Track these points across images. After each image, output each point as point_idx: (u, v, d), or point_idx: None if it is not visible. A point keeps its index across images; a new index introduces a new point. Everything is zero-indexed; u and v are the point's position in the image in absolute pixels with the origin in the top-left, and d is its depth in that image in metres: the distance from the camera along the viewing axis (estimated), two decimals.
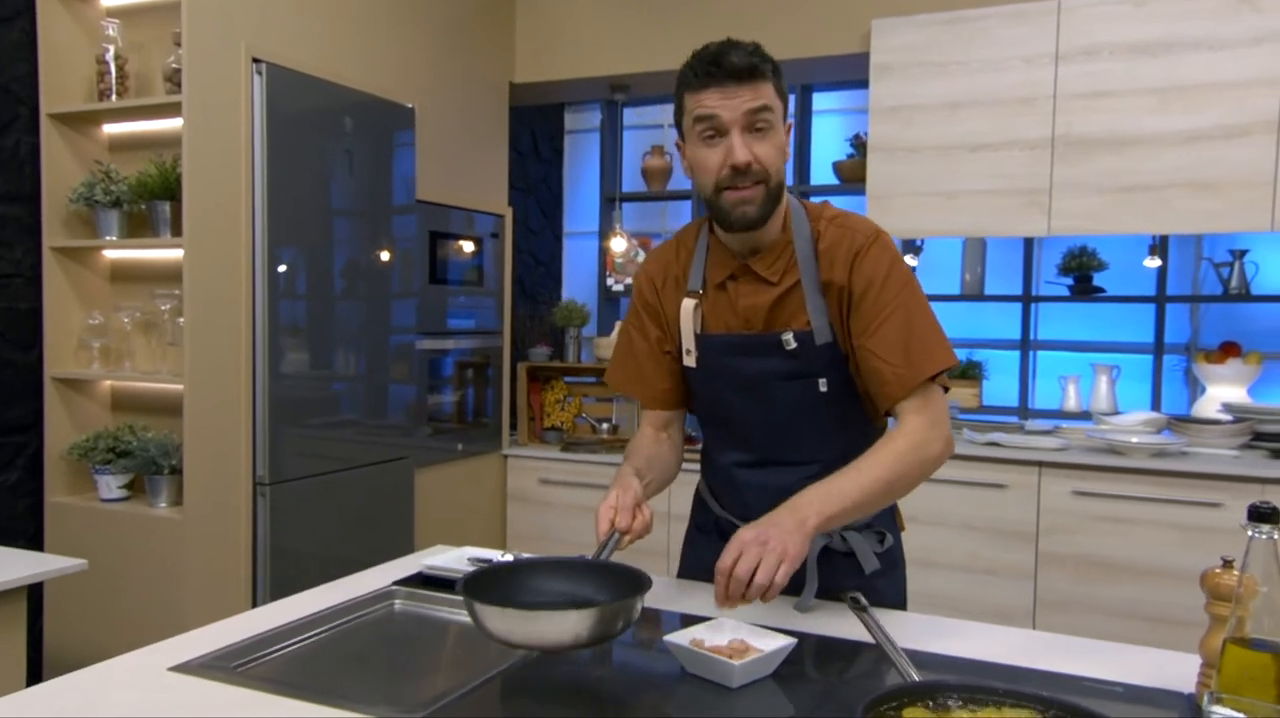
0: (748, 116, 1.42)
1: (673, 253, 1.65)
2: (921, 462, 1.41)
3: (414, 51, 3.51)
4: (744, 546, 1.28)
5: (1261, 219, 2.94)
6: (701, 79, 1.44)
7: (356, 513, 3.18)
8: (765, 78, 1.43)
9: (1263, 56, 2.91)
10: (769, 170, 1.45)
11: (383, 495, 3.30)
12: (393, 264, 3.30)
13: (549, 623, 1.17)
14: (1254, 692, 1.10)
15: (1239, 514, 2.84)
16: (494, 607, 1.17)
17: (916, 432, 1.41)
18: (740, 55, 1.42)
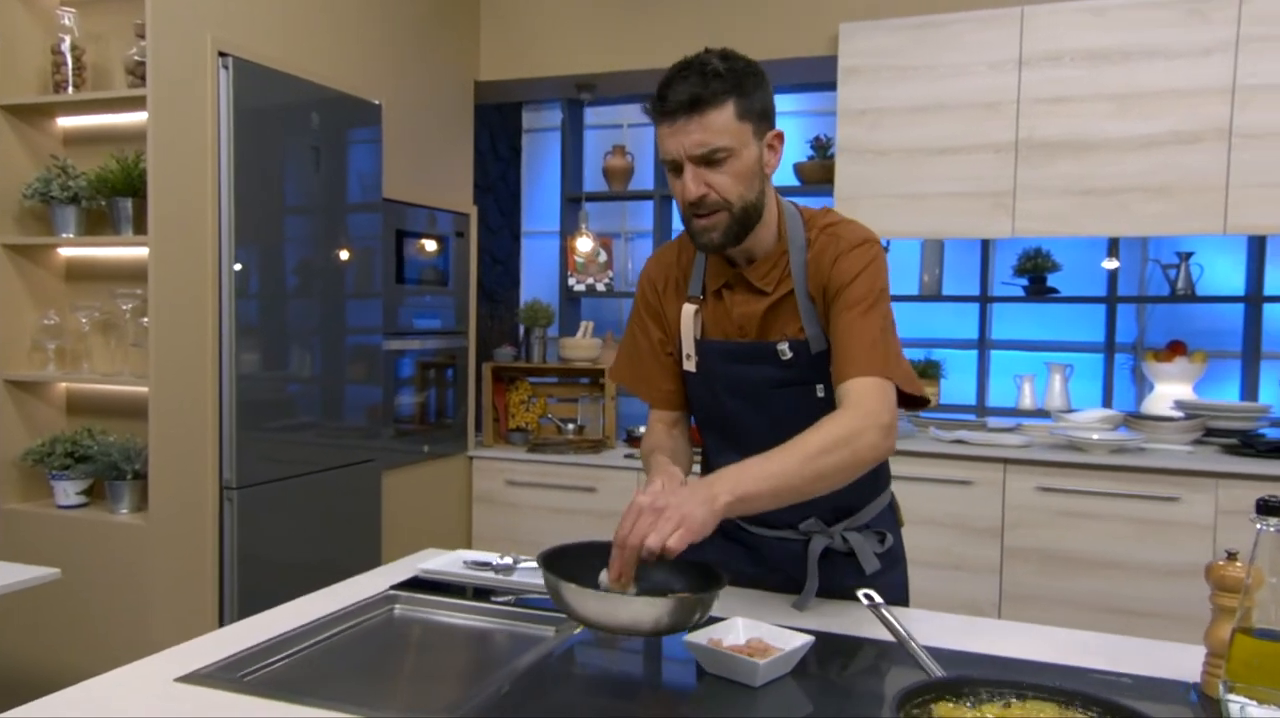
0: (696, 150, 1.39)
1: (674, 256, 1.65)
2: (852, 455, 1.33)
3: (379, 47, 3.46)
4: (639, 512, 1.21)
5: (1214, 222, 3.05)
6: (654, 113, 1.42)
7: (324, 517, 3.12)
8: (718, 104, 1.37)
9: (1213, 66, 3.01)
10: (727, 198, 1.42)
11: (350, 499, 3.25)
12: (359, 263, 3.25)
13: (635, 609, 1.18)
14: (1264, 680, 1.13)
15: (1195, 508, 2.95)
16: (581, 588, 1.18)
17: (849, 421, 1.36)
18: (686, 87, 1.37)
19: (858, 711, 1.25)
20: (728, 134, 1.39)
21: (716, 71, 1.39)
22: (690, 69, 1.40)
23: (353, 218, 3.24)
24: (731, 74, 1.40)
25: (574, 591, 1.19)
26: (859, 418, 1.36)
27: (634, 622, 1.18)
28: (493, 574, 1.68)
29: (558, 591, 1.21)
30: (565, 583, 1.20)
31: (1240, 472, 2.94)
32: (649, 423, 1.72)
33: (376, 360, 3.35)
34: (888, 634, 1.37)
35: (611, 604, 1.18)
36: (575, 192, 4.67)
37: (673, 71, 1.42)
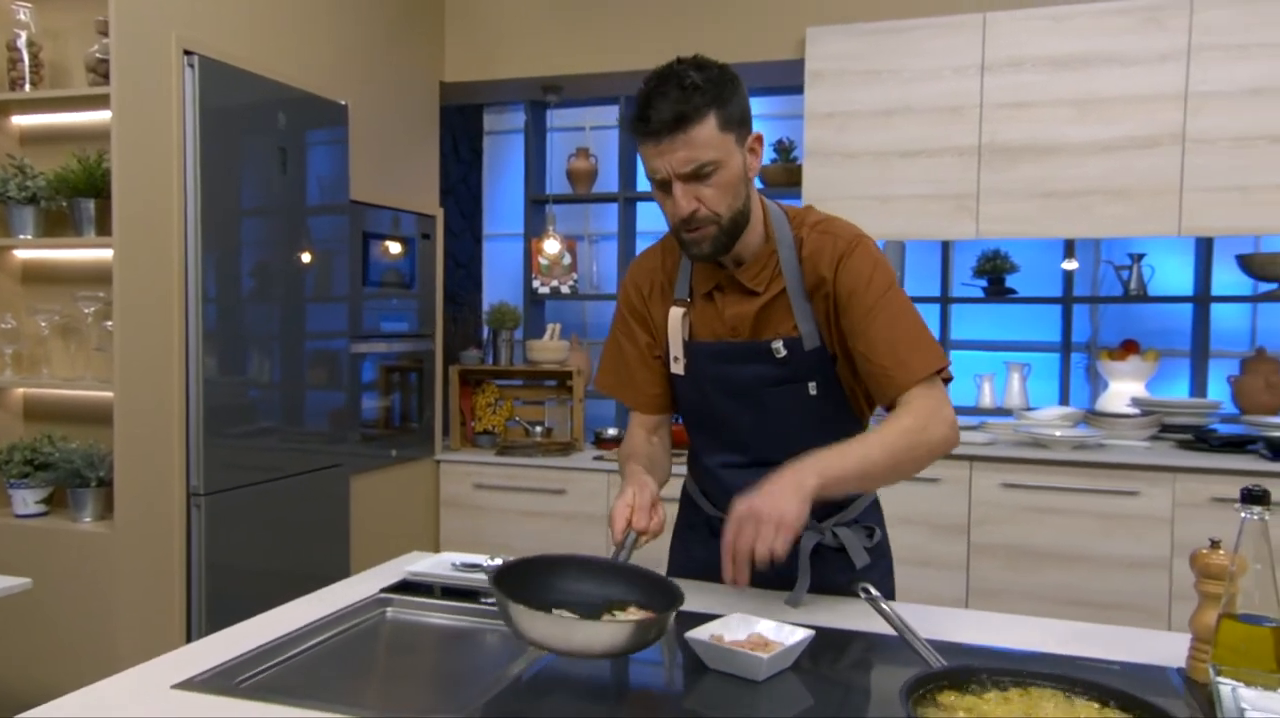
0: (684, 168, 1.40)
1: (658, 260, 1.66)
2: (927, 443, 1.41)
3: (345, 47, 3.42)
4: (742, 520, 1.28)
5: (1169, 224, 3.14)
6: (637, 134, 1.43)
7: (292, 523, 3.07)
8: (701, 119, 1.38)
9: (1168, 73, 3.11)
10: (717, 211, 1.44)
11: (318, 504, 3.20)
12: (325, 266, 3.21)
13: (588, 632, 1.17)
14: (1251, 663, 1.17)
15: (1154, 502, 3.03)
16: (531, 610, 1.16)
17: (919, 413, 1.42)
18: (667, 105, 1.37)
19: (860, 703, 1.27)
20: (712, 147, 1.40)
21: (695, 84, 1.38)
22: (667, 84, 1.39)
23: (319, 220, 3.20)
24: (710, 85, 1.40)
25: (523, 612, 1.16)
26: (925, 413, 1.42)
27: (586, 645, 1.16)
28: (482, 576, 1.67)
29: (507, 611, 1.17)
30: (514, 604, 1.16)
31: (1196, 466, 3.03)
32: (629, 428, 1.72)
33: (343, 364, 3.31)
34: (882, 628, 1.39)
35: (564, 628, 1.17)
36: (539, 194, 4.65)
37: (650, 88, 1.41)
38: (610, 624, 1.17)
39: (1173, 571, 3.04)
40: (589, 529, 3.68)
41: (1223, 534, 2.92)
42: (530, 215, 4.65)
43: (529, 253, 4.59)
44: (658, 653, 1.29)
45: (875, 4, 3.46)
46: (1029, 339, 4.21)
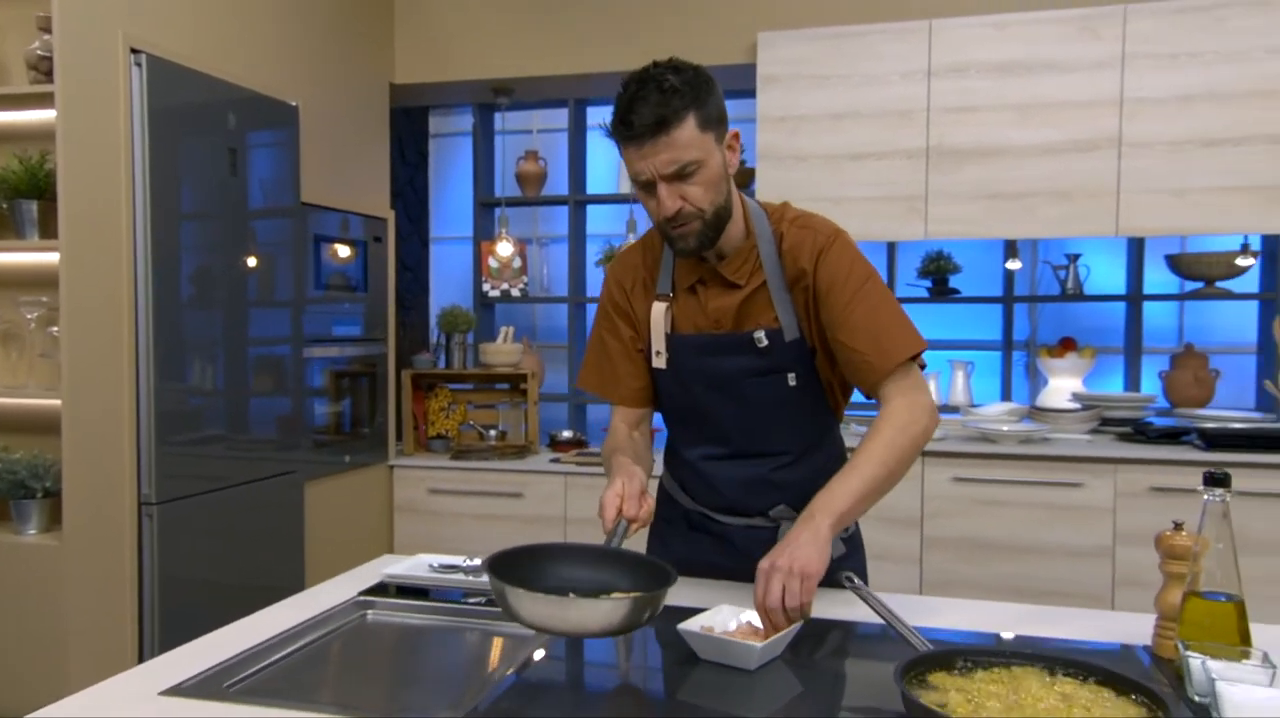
0: (668, 169, 1.44)
1: (639, 257, 1.69)
2: (912, 439, 1.47)
3: (294, 47, 3.37)
4: (768, 576, 1.31)
5: (1107, 225, 3.26)
6: (619, 138, 1.46)
7: (246, 531, 3.01)
8: (681, 120, 1.41)
9: (1104, 80, 3.23)
10: (700, 208, 1.48)
11: (272, 512, 3.14)
12: (277, 269, 3.16)
13: (583, 610, 1.18)
14: (1216, 637, 1.24)
15: (1097, 493, 3.14)
16: (527, 591, 1.17)
17: (899, 414, 1.48)
18: (648, 108, 1.40)
19: (850, 689, 1.31)
20: (694, 147, 1.44)
21: (674, 87, 1.41)
22: (646, 88, 1.42)
23: (270, 222, 3.15)
24: (688, 87, 1.43)
25: (520, 594, 1.17)
26: (904, 411, 1.48)
27: (581, 624, 1.18)
28: (462, 577, 1.67)
29: (503, 595, 1.19)
30: (510, 587, 1.18)
31: (1135, 457, 3.15)
32: (612, 423, 1.74)
33: (295, 369, 3.26)
34: (865, 617, 1.43)
35: (560, 607, 1.18)
36: (489, 197, 4.64)
37: (630, 92, 1.44)
38: (605, 602, 1.19)
39: (1115, 558, 3.16)
40: (547, 532, 3.68)
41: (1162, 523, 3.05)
42: (479, 218, 4.63)
43: (479, 256, 4.57)
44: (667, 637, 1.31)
45: (825, 10, 3.53)
46: (972, 338, 4.32)
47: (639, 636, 1.42)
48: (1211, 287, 3.83)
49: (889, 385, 1.51)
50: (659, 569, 1.31)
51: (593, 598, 1.21)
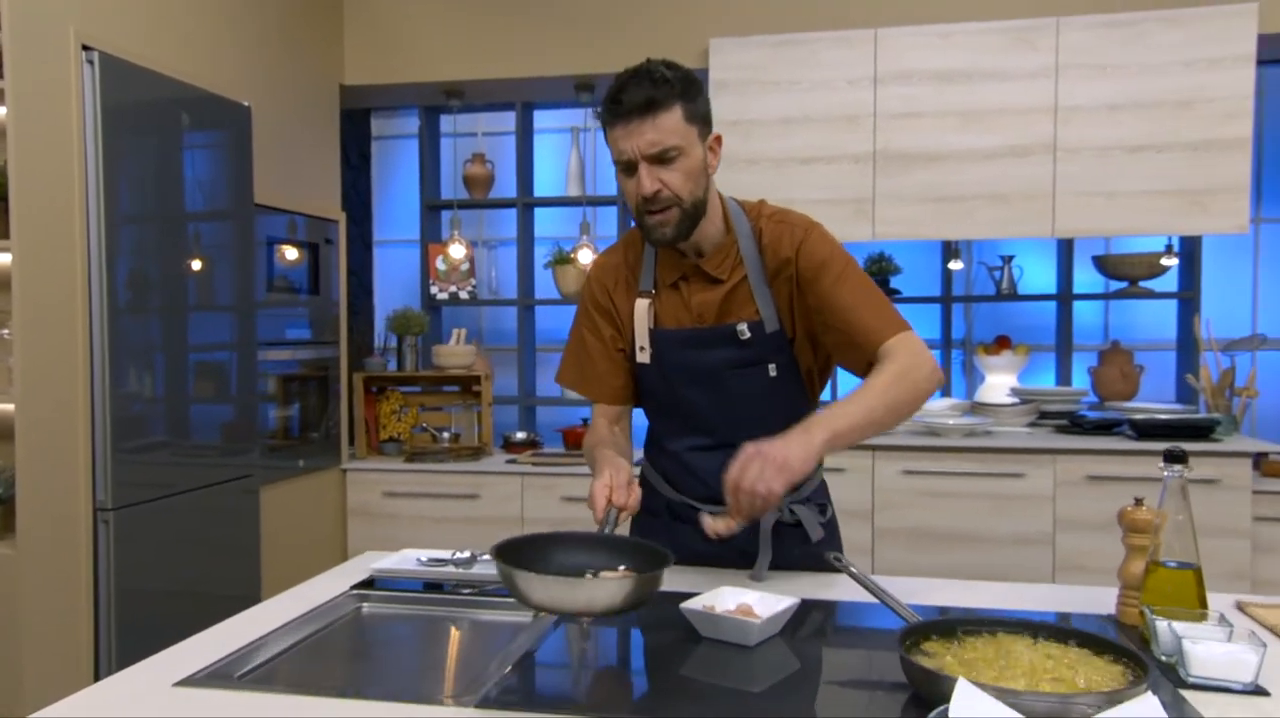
0: (650, 149, 1.50)
1: (620, 256, 1.74)
2: (914, 387, 1.50)
3: (244, 47, 3.33)
4: (747, 457, 1.36)
5: (1044, 227, 3.42)
6: (609, 115, 1.52)
7: (202, 537, 2.97)
8: (668, 107, 1.49)
9: (1039, 89, 3.39)
10: (679, 195, 1.54)
11: (228, 517, 3.10)
12: (231, 271, 3.12)
13: (590, 589, 1.23)
14: (1178, 602, 1.34)
15: (1038, 482, 3.28)
16: (537, 574, 1.22)
17: (903, 358, 1.51)
18: (639, 90, 1.48)
19: (844, 662, 1.38)
20: (677, 134, 1.51)
21: (665, 78, 1.50)
22: (639, 75, 1.51)
23: (224, 224, 3.11)
24: (679, 80, 1.52)
25: (529, 577, 1.22)
26: (909, 357, 1.51)
27: (589, 602, 1.23)
28: (452, 569, 1.69)
29: (511, 578, 1.24)
30: (518, 571, 1.23)
31: (1072, 448, 3.31)
32: (593, 419, 1.78)
33: (250, 372, 3.22)
34: (852, 596, 1.51)
35: (567, 588, 1.23)
36: (436, 199, 4.63)
37: (623, 78, 1.52)
38: (610, 581, 1.24)
39: (1055, 544, 3.31)
40: (505, 533, 3.64)
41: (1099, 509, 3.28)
42: (426, 221, 4.62)
43: (425, 259, 4.56)
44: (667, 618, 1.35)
45: (775, 18, 3.62)
46: None
47: (640, 617, 1.47)
48: (1135, 286, 4.04)
49: (886, 347, 1.54)
50: (655, 552, 1.36)
51: (597, 578, 1.25)
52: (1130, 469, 3.25)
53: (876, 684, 1.27)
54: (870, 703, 1.20)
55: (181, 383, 2.93)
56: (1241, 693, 1.18)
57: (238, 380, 3.16)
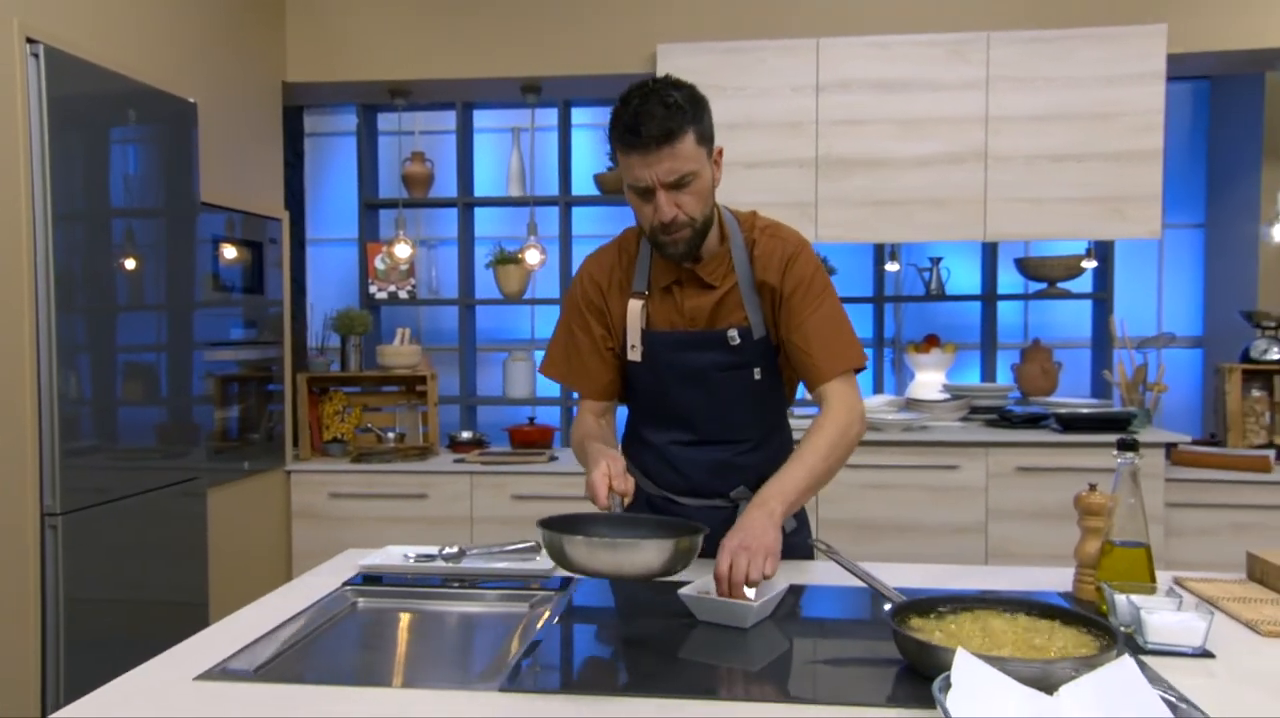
0: (669, 177, 1.56)
1: (614, 258, 1.79)
2: (849, 443, 1.65)
3: (189, 42, 3.27)
4: (733, 553, 1.42)
5: (976, 231, 3.60)
6: (625, 145, 1.57)
7: (149, 541, 2.91)
8: (684, 134, 1.55)
9: (971, 100, 3.56)
10: (693, 216, 1.62)
11: (175, 520, 3.04)
12: (177, 270, 3.06)
13: (634, 551, 1.33)
14: (1131, 577, 1.46)
15: (971, 474, 3.44)
16: (585, 539, 1.33)
17: (840, 417, 1.64)
18: (657, 122, 1.52)
19: (831, 641, 1.46)
20: (692, 160, 1.58)
21: (678, 104, 1.55)
22: (650, 101, 1.55)
23: (170, 222, 3.05)
24: (689, 104, 1.57)
25: (576, 542, 1.32)
26: (844, 413, 1.64)
27: (647, 566, 1.32)
28: (442, 564, 1.73)
29: (559, 545, 1.33)
30: (571, 537, 1.33)
31: (1002, 441, 3.48)
32: (580, 413, 1.84)
33: (197, 372, 3.16)
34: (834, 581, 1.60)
35: (626, 551, 1.32)
36: (374, 198, 4.60)
37: (635, 104, 1.56)
38: (655, 543, 1.33)
39: (987, 533, 3.48)
40: (455, 532, 3.71)
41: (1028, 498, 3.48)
42: (365, 220, 4.59)
43: (364, 258, 4.53)
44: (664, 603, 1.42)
45: (721, 25, 3.72)
46: None
47: (639, 601, 1.54)
48: (1054, 287, 4.26)
49: (830, 387, 1.67)
50: (678, 524, 1.47)
51: (652, 541, 1.34)
52: (1057, 460, 3.45)
53: (866, 660, 1.36)
54: (865, 676, 1.29)
55: (127, 384, 2.87)
56: (1191, 656, 1.30)
57: (181, 382, 3.11)
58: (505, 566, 1.72)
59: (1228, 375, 3.80)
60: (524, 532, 3.64)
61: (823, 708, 1.14)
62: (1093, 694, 1.05)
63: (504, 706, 1.13)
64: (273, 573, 3.75)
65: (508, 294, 4.44)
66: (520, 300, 4.45)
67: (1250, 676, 1.24)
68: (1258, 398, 3.85)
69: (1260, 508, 3.43)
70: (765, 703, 1.17)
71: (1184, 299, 4.80)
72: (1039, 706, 1.05)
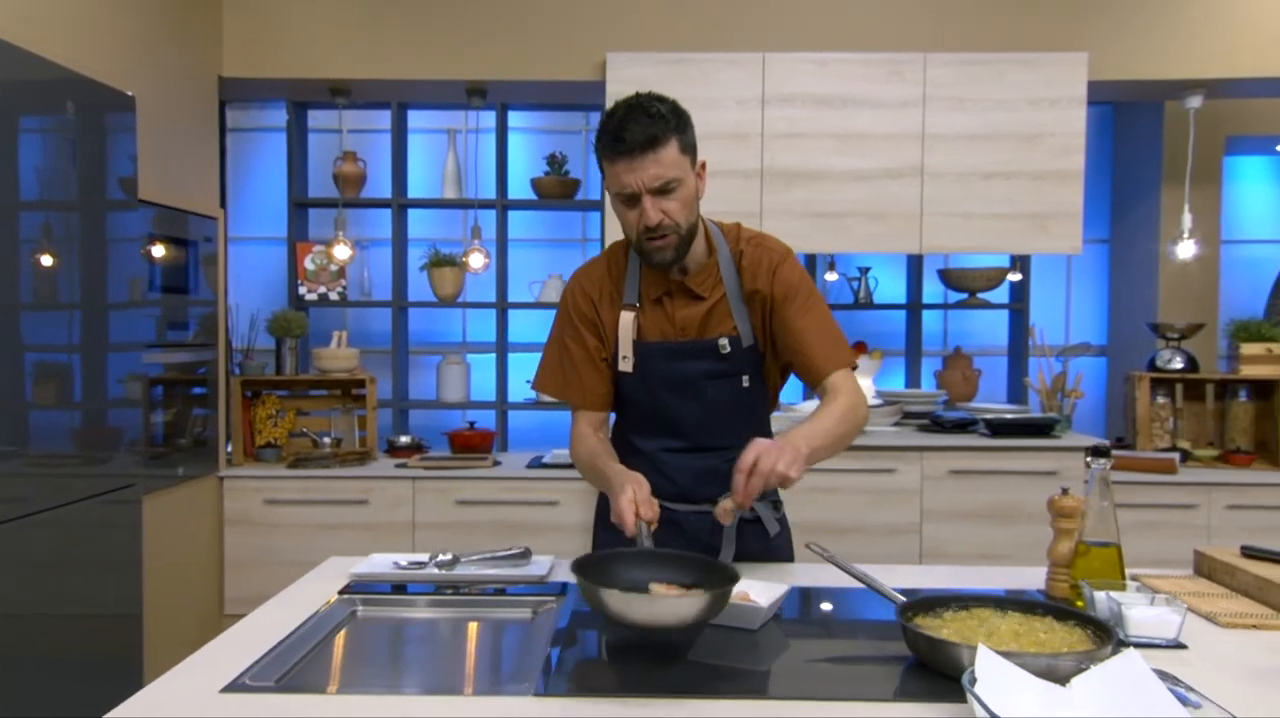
0: (654, 183, 1.62)
1: (604, 270, 1.83)
2: (858, 419, 1.71)
3: (124, 32, 3.15)
4: (761, 450, 1.48)
5: (913, 244, 3.74)
6: (610, 152, 1.62)
7: (81, 553, 2.79)
8: (666, 142, 1.60)
9: (908, 117, 3.70)
10: (678, 222, 1.66)
11: (107, 530, 2.92)
12: (113, 269, 2.94)
13: (672, 607, 1.32)
14: (1104, 575, 1.57)
15: (907, 477, 3.58)
16: (621, 592, 1.30)
17: (849, 395, 1.72)
18: (640, 128, 1.58)
19: (832, 640, 1.52)
20: (676, 166, 1.63)
21: (660, 114, 1.61)
22: (635, 111, 1.61)
23: (107, 218, 2.93)
24: (673, 115, 1.64)
25: (618, 595, 1.30)
26: (851, 396, 1.71)
27: (682, 619, 1.32)
28: (435, 571, 1.72)
29: (598, 597, 1.30)
30: (609, 590, 1.30)
31: (935, 445, 3.63)
32: (577, 428, 1.85)
33: (130, 375, 3.04)
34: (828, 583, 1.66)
35: (664, 605, 1.32)
36: (304, 197, 4.50)
37: (620, 114, 1.61)
38: (690, 600, 1.33)
39: (922, 533, 3.62)
40: (396, 538, 3.66)
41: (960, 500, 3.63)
42: (294, 219, 4.48)
43: (294, 258, 4.42)
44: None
45: (670, 36, 3.77)
46: None
47: None
48: (974, 298, 4.46)
49: (833, 379, 1.74)
50: (717, 567, 1.48)
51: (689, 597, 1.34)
52: (987, 464, 3.61)
53: (870, 658, 1.42)
54: (872, 673, 1.35)
55: (40, 387, 2.74)
56: (1165, 647, 1.41)
57: (115, 385, 2.99)
58: (499, 572, 1.72)
59: (1137, 383, 4.05)
60: (471, 537, 3.63)
61: (839, 705, 1.20)
62: (1101, 686, 1.13)
63: (543, 709, 1.15)
64: (205, 583, 3.64)
65: (442, 297, 4.40)
66: (456, 304, 4.41)
67: (1223, 663, 1.35)
68: (1162, 404, 4.11)
69: (1166, 507, 3.67)
70: (791, 702, 1.21)
71: (1090, 311, 5.09)
72: (1057, 697, 1.13)
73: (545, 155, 4.52)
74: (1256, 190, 5.11)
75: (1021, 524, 3.61)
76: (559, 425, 4.83)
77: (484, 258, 4.08)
